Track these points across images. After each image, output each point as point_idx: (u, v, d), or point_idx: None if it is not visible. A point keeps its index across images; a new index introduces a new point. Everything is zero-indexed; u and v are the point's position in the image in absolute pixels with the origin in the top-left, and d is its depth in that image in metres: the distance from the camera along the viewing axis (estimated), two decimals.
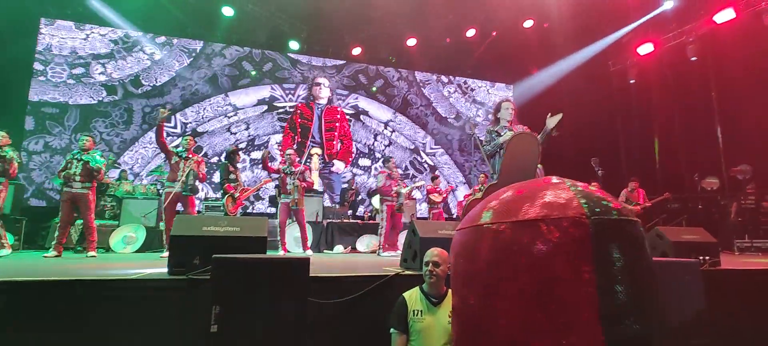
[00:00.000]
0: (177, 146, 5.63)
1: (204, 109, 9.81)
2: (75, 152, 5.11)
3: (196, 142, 5.72)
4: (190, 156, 5.43)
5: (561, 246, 0.51)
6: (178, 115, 9.55)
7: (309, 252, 6.04)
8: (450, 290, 2.43)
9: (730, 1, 7.87)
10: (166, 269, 2.71)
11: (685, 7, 8.44)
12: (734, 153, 8.25)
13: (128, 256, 5.50)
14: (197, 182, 5.46)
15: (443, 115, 11.89)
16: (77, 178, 4.93)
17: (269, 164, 6.05)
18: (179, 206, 5.46)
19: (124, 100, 9.20)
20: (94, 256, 4.88)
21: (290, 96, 10.57)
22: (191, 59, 9.89)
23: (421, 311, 2.34)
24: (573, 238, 0.51)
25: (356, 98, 11.15)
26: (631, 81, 9.87)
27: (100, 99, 9.02)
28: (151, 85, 9.48)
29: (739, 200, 7.56)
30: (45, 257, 4.71)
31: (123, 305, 2.32)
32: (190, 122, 9.62)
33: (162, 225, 6.87)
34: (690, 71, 8.86)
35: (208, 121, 9.79)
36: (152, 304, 2.37)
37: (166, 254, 4.29)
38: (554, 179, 0.64)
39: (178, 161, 5.37)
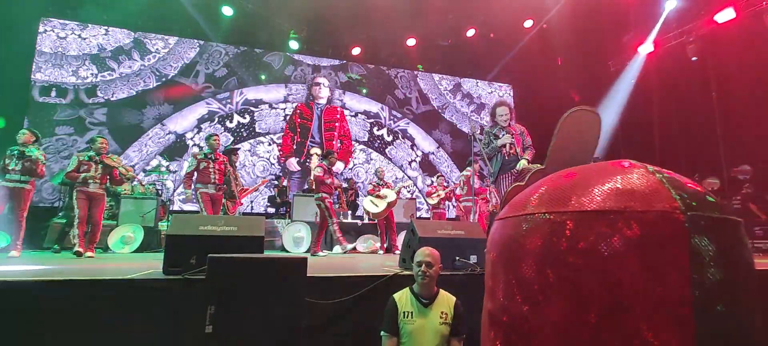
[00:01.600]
0: (202, 149, 5.63)
1: (209, 104, 9.83)
2: (89, 152, 5.12)
3: (220, 142, 5.73)
4: (217, 156, 5.48)
5: (643, 247, 0.39)
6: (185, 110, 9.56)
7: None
8: (441, 290, 2.39)
9: (731, 1, 7.85)
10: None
11: (686, 7, 8.42)
12: (735, 154, 8.23)
13: (126, 256, 5.48)
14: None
15: (443, 116, 11.86)
16: (96, 179, 4.99)
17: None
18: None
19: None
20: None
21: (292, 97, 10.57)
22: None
23: (412, 312, 2.30)
24: (662, 238, 0.39)
25: (343, 94, 11.12)
26: (631, 81, 9.85)
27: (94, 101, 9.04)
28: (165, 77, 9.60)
29: (730, 202, 7.54)
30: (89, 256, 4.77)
31: (117, 305, 2.30)
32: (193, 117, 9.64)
33: (161, 225, 6.87)
34: (690, 71, 8.84)
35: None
36: (147, 304, 2.35)
37: None
38: (628, 163, 0.49)
39: (207, 164, 5.38)
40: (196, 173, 5.39)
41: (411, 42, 10.31)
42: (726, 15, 7.94)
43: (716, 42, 8.34)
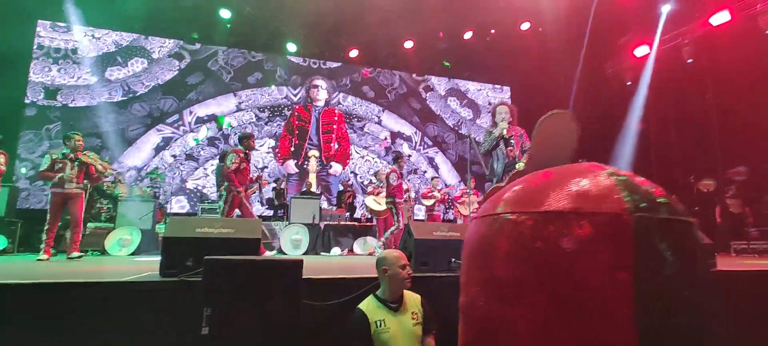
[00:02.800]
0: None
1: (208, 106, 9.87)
2: (63, 149, 5.03)
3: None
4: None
5: (593, 247, 0.40)
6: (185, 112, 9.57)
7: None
8: (405, 292, 2.29)
9: (726, 4, 7.92)
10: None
11: (681, 9, 8.48)
12: (730, 155, 8.28)
13: (124, 258, 5.48)
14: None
15: (440, 116, 11.88)
16: (73, 178, 4.93)
17: None
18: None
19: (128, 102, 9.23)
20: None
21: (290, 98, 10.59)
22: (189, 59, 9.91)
23: (383, 320, 2.15)
24: (609, 238, 0.40)
25: (340, 96, 11.14)
26: (628, 83, 9.90)
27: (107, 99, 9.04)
28: (153, 84, 9.53)
29: (723, 204, 7.59)
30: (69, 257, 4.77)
31: (113, 308, 2.30)
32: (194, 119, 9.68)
33: (158, 227, 6.87)
34: (686, 73, 8.90)
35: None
36: (143, 307, 2.36)
37: None
38: (590, 164, 0.51)
39: (246, 165, 5.43)
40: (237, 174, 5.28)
41: (408, 44, 10.34)
42: (721, 17, 8.00)
43: (711, 44, 8.40)
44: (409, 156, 11.33)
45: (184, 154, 9.50)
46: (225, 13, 9.18)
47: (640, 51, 9.44)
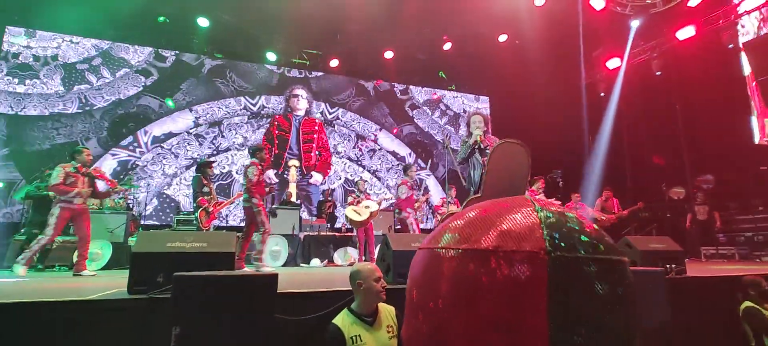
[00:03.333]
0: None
1: (185, 116, 9.63)
2: (74, 163, 4.86)
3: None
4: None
5: (509, 286, 0.40)
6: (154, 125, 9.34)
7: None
8: (380, 304, 2.25)
9: (691, 19, 8.28)
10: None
11: (650, 23, 8.82)
12: (698, 163, 8.61)
13: (90, 276, 5.26)
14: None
15: (420, 126, 11.97)
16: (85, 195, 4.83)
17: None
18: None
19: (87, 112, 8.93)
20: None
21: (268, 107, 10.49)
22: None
23: (359, 335, 2.11)
24: (524, 278, 0.39)
25: (321, 106, 11.12)
26: (601, 94, 10.21)
27: (68, 110, 8.73)
28: (114, 99, 9.26)
29: (693, 211, 7.88)
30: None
31: (77, 328, 2.20)
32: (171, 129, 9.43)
33: (131, 240, 6.64)
34: (656, 85, 9.24)
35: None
36: (110, 326, 2.26)
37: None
38: (527, 198, 0.50)
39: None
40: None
41: (389, 54, 10.42)
42: (687, 32, 8.36)
43: (678, 57, 8.77)
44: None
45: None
46: (203, 22, 9.07)
47: (613, 63, 9.76)
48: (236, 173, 9.82)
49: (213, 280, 2.06)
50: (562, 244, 0.38)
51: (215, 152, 9.76)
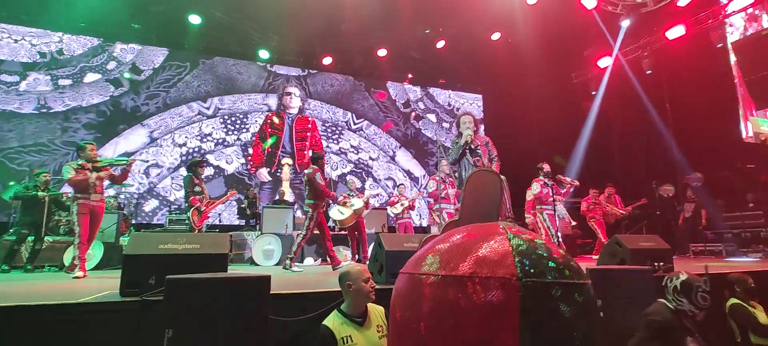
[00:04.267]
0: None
1: (180, 114, 9.57)
2: (78, 160, 4.73)
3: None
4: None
5: (485, 311, 0.43)
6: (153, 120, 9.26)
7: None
8: (369, 305, 2.27)
9: (681, 19, 8.37)
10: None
11: (640, 22, 8.90)
12: (687, 161, 8.73)
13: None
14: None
15: (414, 124, 11.99)
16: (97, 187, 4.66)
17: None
18: None
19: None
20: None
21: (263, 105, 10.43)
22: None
23: (350, 336, 2.12)
24: (498, 302, 0.42)
25: (313, 103, 11.07)
26: (593, 93, 10.30)
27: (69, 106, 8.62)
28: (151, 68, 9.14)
29: (684, 209, 8.01)
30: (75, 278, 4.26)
31: (68, 332, 2.19)
32: (161, 127, 9.35)
33: (123, 240, 6.59)
34: (646, 83, 9.34)
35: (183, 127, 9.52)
36: (102, 330, 2.25)
37: None
38: (501, 226, 0.53)
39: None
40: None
41: (382, 52, 10.41)
42: (676, 31, 8.45)
43: (668, 56, 8.87)
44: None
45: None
46: (195, 19, 8.99)
47: (604, 62, 9.84)
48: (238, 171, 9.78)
49: (205, 282, 2.06)
50: (532, 270, 0.41)
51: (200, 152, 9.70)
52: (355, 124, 11.30)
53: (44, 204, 5.80)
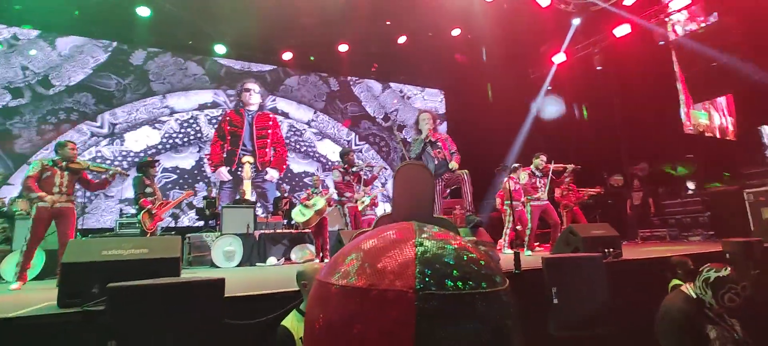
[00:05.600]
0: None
1: (137, 110, 9.05)
2: (54, 157, 4.38)
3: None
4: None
5: (382, 324, 0.39)
6: (106, 114, 8.73)
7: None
8: None
9: (627, 18, 8.83)
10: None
11: (591, 21, 9.31)
12: (633, 152, 9.27)
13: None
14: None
15: (373, 116, 11.92)
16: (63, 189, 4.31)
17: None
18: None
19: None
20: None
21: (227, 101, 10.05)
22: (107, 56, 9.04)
23: None
24: (394, 317, 0.39)
25: (274, 100, 10.79)
26: (548, 88, 10.69)
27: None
28: (65, 85, 8.52)
29: (631, 197, 8.52)
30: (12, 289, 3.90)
31: None
32: (120, 123, 8.85)
33: None
34: (597, 79, 9.81)
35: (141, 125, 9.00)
36: (39, 344, 2.08)
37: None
38: (414, 228, 0.48)
39: (349, 178, 5.57)
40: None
41: (343, 48, 10.30)
42: (623, 30, 8.91)
43: (616, 53, 9.34)
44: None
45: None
46: (143, 11, 8.50)
47: (558, 58, 10.23)
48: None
49: (152, 288, 1.95)
50: (431, 281, 0.37)
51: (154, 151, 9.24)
52: (316, 120, 11.13)
53: None
